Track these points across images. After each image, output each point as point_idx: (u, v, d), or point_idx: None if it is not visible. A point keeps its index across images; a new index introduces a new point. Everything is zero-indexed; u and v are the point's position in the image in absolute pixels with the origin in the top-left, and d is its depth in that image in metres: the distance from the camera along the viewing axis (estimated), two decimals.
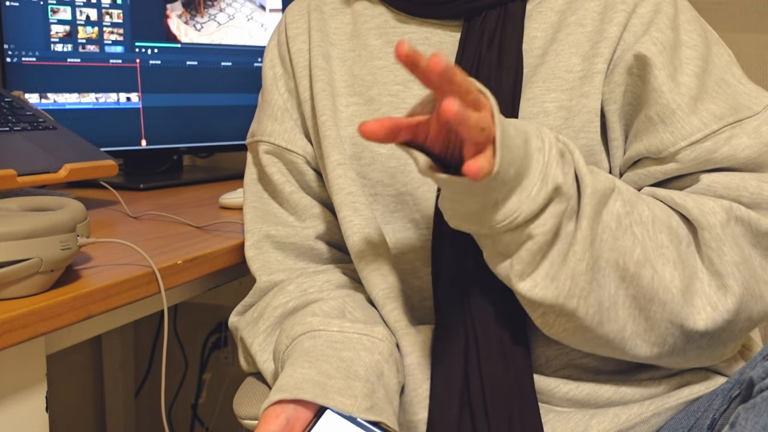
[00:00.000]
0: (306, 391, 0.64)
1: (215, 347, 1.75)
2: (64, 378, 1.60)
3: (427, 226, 0.77)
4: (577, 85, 0.75)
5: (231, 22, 1.42)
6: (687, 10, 0.78)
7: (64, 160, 1.00)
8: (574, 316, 0.66)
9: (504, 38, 0.76)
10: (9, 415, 0.64)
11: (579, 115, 0.74)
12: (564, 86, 0.75)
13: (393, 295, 0.75)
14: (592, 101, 0.75)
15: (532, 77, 0.76)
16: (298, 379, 0.65)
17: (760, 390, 0.59)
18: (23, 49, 1.22)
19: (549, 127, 0.74)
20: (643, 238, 0.68)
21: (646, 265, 0.67)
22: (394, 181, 0.78)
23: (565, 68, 0.76)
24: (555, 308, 0.66)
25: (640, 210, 0.68)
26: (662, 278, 0.68)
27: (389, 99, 0.80)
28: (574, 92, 0.75)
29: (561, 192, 0.64)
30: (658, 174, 0.74)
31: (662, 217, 0.69)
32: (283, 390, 0.65)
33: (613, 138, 0.76)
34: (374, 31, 0.83)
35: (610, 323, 0.68)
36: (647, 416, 0.73)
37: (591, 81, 0.75)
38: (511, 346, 0.72)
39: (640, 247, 0.67)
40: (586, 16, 0.77)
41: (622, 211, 0.68)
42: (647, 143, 0.73)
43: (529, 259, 0.65)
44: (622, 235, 0.67)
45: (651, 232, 0.68)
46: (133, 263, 0.76)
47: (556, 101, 0.75)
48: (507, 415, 0.71)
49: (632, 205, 0.68)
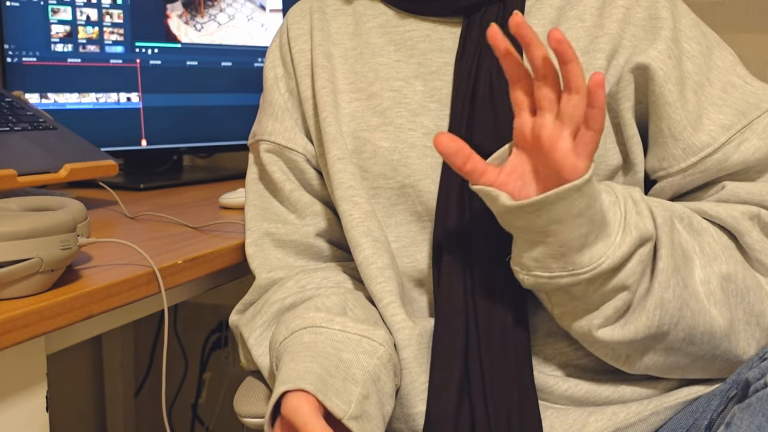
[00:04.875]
0: (309, 382, 0.64)
1: (215, 347, 1.76)
2: (64, 378, 1.60)
3: (429, 219, 0.78)
4: None
5: (231, 22, 1.42)
6: (687, 13, 0.79)
7: (64, 160, 1.00)
8: (667, 339, 0.70)
9: (504, 33, 0.77)
10: (9, 415, 0.64)
11: None
12: None
13: (390, 289, 0.76)
14: None
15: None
16: (302, 371, 0.65)
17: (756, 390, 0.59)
18: (23, 49, 1.22)
19: None
20: (709, 250, 0.72)
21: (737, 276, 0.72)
22: (396, 174, 0.78)
23: None
24: (643, 341, 0.70)
25: (698, 227, 0.73)
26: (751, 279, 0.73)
27: (391, 94, 0.80)
28: None
29: (645, 236, 0.68)
30: (674, 188, 0.77)
31: (710, 228, 0.73)
32: (286, 381, 0.64)
33: (631, 135, 0.77)
34: (376, 29, 0.84)
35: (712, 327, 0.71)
36: (646, 415, 0.73)
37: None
38: (512, 337, 0.73)
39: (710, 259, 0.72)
40: (585, 12, 0.78)
41: (685, 234, 0.72)
42: (660, 155, 0.76)
43: (614, 315, 0.69)
44: (694, 255, 0.71)
45: (713, 241, 0.73)
46: (134, 263, 0.76)
47: None
48: (506, 407, 0.71)
49: (690, 223, 0.73)
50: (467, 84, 0.77)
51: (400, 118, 0.79)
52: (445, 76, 0.80)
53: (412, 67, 0.81)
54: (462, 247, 0.74)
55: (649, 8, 0.77)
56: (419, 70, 0.81)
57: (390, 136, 0.79)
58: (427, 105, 0.79)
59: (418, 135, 0.78)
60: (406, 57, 0.81)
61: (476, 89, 0.76)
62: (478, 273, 0.73)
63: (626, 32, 0.76)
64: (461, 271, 0.74)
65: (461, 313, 0.74)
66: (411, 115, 0.79)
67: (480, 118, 0.75)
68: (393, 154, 0.78)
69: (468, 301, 0.74)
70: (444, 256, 0.75)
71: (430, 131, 0.78)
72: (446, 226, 0.75)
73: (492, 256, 0.73)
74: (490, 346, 0.72)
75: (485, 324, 0.73)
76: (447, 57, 0.80)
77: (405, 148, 0.78)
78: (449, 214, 0.75)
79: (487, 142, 0.74)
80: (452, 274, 0.74)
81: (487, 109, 0.75)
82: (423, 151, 0.78)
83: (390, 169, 0.79)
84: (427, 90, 0.80)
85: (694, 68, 0.76)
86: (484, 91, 0.76)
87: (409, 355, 0.74)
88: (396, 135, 0.79)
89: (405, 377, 0.74)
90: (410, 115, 0.79)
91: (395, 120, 0.79)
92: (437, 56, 0.81)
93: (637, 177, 0.78)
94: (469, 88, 0.77)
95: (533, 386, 0.73)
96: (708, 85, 0.76)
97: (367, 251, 0.76)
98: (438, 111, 0.79)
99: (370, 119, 0.80)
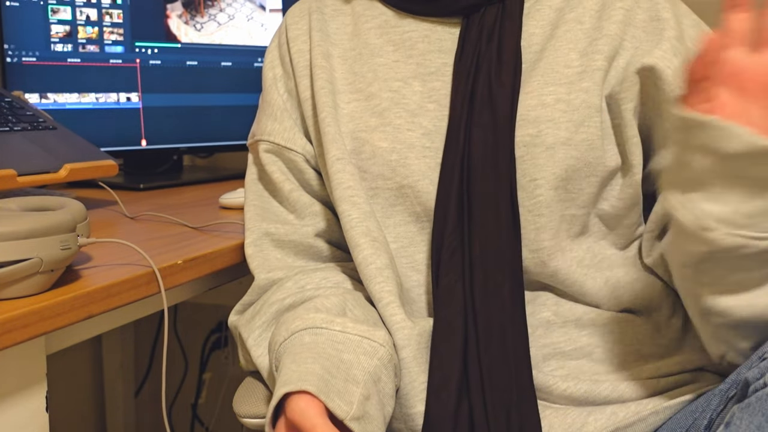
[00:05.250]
0: (311, 383, 0.64)
1: (215, 347, 1.76)
2: (64, 378, 1.60)
3: (428, 219, 0.78)
4: (575, 80, 0.76)
5: (231, 22, 1.42)
6: (688, 14, 0.80)
7: (64, 160, 1.00)
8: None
9: (503, 34, 0.78)
10: (9, 415, 0.64)
11: (579, 109, 0.75)
12: (562, 80, 0.76)
13: (390, 289, 0.76)
14: (593, 97, 0.76)
15: (530, 72, 0.77)
16: (303, 372, 0.65)
17: (755, 390, 0.59)
18: (23, 49, 1.22)
19: (547, 119, 0.75)
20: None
21: None
22: (394, 174, 0.78)
23: (564, 63, 0.77)
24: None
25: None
26: None
27: (390, 95, 0.80)
28: (572, 86, 0.76)
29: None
30: None
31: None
32: (288, 383, 0.64)
33: (632, 135, 0.77)
34: (375, 30, 0.84)
35: None
36: (645, 415, 0.73)
37: (591, 77, 0.76)
38: (511, 337, 0.73)
39: None
40: (585, 14, 0.78)
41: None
42: None
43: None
44: None
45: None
46: (134, 263, 0.76)
47: (554, 94, 0.76)
48: (504, 406, 0.71)
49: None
50: (466, 84, 0.77)
51: (399, 118, 0.79)
52: (443, 76, 0.80)
53: (411, 67, 0.81)
54: (461, 248, 0.75)
55: (650, 10, 0.77)
56: (418, 71, 0.81)
57: (388, 137, 0.79)
58: (426, 105, 0.79)
59: (416, 135, 0.78)
60: (405, 57, 0.82)
61: (475, 90, 0.76)
62: (477, 273, 0.73)
63: (627, 34, 0.77)
64: (460, 272, 0.74)
65: (460, 313, 0.74)
66: (409, 115, 0.79)
67: (479, 119, 0.75)
68: (391, 155, 0.78)
69: (467, 301, 0.74)
70: (443, 256, 0.75)
71: (429, 132, 0.78)
72: (445, 227, 0.75)
73: (491, 256, 0.74)
74: (489, 346, 0.72)
75: (484, 324, 0.73)
76: (446, 57, 0.80)
77: (403, 148, 0.78)
78: (448, 215, 0.75)
79: (485, 145, 0.74)
80: (451, 274, 0.74)
81: (485, 109, 0.75)
82: (421, 152, 0.78)
83: (388, 169, 0.79)
84: (425, 90, 0.80)
85: None
86: (483, 91, 0.76)
87: (408, 355, 0.74)
88: (394, 135, 0.79)
89: (404, 377, 0.74)
90: (409, 115, 0.79)
91: (394, 120, 0.79)
92: (436, 57, 0.81)
93: (635, 179, 0.78)
94: (468, 89, 0.77)
95: (532, 386, 0.73)
96: None
97: (366, 251, 0.76)
98: (436, 111, 0.79)
99: (369, 120, 0.80)
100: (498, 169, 0.74)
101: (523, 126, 0.75)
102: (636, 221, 0.82)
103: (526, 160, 0.75)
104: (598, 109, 0.76)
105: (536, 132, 0.75)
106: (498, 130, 0.74)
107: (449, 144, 0.76)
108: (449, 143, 0.76)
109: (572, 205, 0.76)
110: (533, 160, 0.75)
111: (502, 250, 0.73)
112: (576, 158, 0.75)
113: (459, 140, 0.76)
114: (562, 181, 0.75)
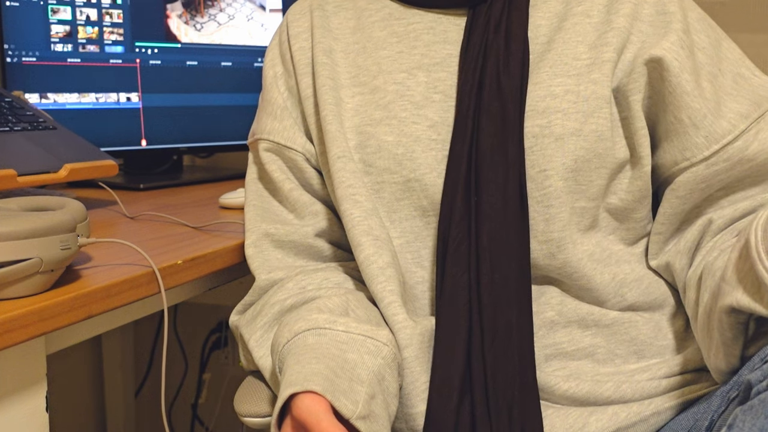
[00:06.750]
0: (316, 383, 0.64)
1: (215, 347, 1.76)
2: (64, 378, 1.60)
3: (434, 213, 0.78)
4: (584, 72, 0.76)
5: (231, 22, 1.42)
6: (694, 7, 0.80)
7: (64, 160, 1.00)
8: None
9: (510, 24, 0.78)
10: (9, 415, 0.64)
11: (588, 100, 0.75)
12: (571, 72, 0.76)
13: (392, 288, 0.75)
14: (602, 88, 0.76)
15: (539, 63, 0.77)
16: (308, 372, 0.65)
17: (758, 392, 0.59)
18: (23, 49, 1.22)
19: (556, 110, 0.75)
20: None
21: None
22: (401, 168, 0.78)
23: (572, 55, 0.77)
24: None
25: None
26: None
27: (395, 87, 0.80)
28: (581, 78, 0.76)
29: None
30: (697, 179, 0.76)
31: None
32: (294, 384, 0.64)
33: (640, 127, 0.77)
34: (379, 23, 0.84)
35: None
36: (646, 415, 0.73)
37: (600, 69, 0.76)
38: (516, 334, 0.72)
39: None
40: (593, 8, 0.79)
41: None
42: (681, 146, 0.76)
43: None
44: None
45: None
46: (134, 263, 0.76)
47: (563, 85, 0.76)
48: (507, 404, 0.71)
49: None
50: (473, 75, 0.77)
51: (404, 111, 0.79)
52: (449, 67, 0.79)
53: (415, 58, 0.81)
54: (467, 242, 0.74)
55: (656, 4, 0.78)
56: (422, 61, 0.80)
57: (394, 130, 0.78)
58: (431, 96, 0.79)
59: (422, 128, 0.78)
60: (409, 48, 0.81)
61: (483, 81, 0.76)
62: (484, 264, 0.73)
63: (634, 27, 0.77)
64: (466, 263, 0.74)
65: (464, 309, 0.73)
66: (415, 107, 0.79)
67: (488, 110, 0.75)
68: (397, 148, 0.78)
69: (472, 294, 0.73)
70: (448, 251, 0.75)
71: (435, 123, 0.78)
72: (451, 217, 0.75)
73: (498, 246, 0.73)
74: (493, 343, 0.72)
75: (489, 320, 0.72)
76: (451, 48, 0.80)
77: (409, 141, 0.78)
78: (455, 205, 0.75)
79: (494, 134, 0.74)
80: (457, 266, 0.74)
81: (495, 101, 0.75)
82: (428, 144, 0.77)
83: (395, 163, 0.78)
84: (430, 81, 0.79)
85: (705, 59, 0.77)
86: (491, 83, 0.76)
87: (410, 354, 0.73)
88: (400, 129, 0.78)
89: (406, 377, 0.73)
90: (414, 108, 0.79)
91: (399, 113, 0.79)
92: (441, 48, 0.80)
93: (644, 170, 0.78)
94: (475, 80, 0.76)
95: (535, 384, 0.73)
96: (720, 75, 0.77)
97: (368, 250, 0.76)
98: (442, 102, 0.78)
99: (374, 113, 0.80)
100: (507, 157, 0.74)
101: (533, 116, 0.75)
102: (645, 216, 0.82)
103: (535, 151, 0.75)
104: (607, 100, 0.76)
105: (546, 122, 0.75)
106: (507, 119, 0.74)
107: (457, 133, 0.76)
108: (457, 132, 0.76)
109: (582, 197, 0.76)
110: (542, 151, 0.75)
111: (510, 240, 0.73)
112: (585, 149, 0.75)
113: (467, 129, 0.75)
114: (571, 173, 0.75)
